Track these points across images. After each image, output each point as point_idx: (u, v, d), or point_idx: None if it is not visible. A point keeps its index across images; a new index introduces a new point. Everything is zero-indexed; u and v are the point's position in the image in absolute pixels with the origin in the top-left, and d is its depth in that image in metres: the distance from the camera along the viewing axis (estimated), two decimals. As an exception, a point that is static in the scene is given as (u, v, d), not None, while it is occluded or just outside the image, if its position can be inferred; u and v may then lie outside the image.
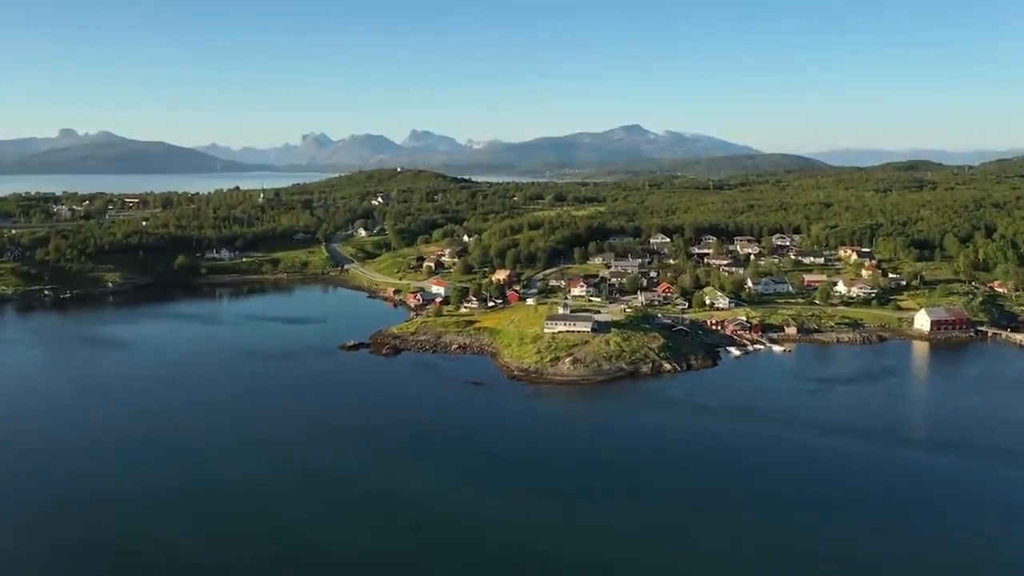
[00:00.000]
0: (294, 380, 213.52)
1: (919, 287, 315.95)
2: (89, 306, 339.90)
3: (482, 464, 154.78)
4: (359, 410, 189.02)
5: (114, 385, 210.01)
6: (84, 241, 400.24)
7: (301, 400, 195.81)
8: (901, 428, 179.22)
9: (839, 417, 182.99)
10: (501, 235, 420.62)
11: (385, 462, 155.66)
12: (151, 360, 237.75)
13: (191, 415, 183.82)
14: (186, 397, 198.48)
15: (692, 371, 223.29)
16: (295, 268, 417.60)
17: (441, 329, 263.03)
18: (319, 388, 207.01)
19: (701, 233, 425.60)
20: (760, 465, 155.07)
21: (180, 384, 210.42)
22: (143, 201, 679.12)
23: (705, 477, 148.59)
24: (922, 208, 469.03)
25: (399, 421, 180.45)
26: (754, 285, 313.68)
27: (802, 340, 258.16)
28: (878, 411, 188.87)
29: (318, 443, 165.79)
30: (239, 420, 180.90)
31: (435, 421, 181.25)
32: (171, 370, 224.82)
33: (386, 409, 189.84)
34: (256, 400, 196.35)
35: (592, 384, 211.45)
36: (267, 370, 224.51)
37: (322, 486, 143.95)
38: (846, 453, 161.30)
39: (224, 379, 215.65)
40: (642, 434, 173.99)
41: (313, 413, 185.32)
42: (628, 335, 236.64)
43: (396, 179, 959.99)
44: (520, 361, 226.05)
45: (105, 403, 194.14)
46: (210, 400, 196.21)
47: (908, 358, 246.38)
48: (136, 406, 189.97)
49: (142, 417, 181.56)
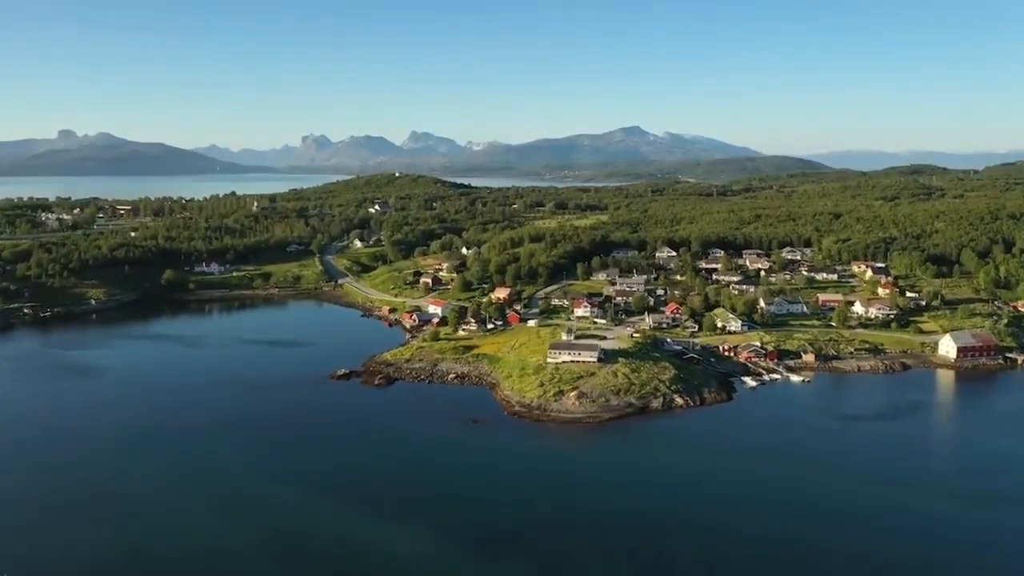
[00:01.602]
0: (277, 416, 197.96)
1: (940, 307, 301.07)
2: (70, 325, 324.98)
3: (479, 524, 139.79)
4: (345, 454, 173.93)
5: (75, 423, 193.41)
6: (68, 255, 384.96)
7: (282, 441, 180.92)
8: (935, 477, 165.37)
9: (866, 463, 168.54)
10: (501, 249, 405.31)
11: (368, 522, 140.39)
12: (121, 390, 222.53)
13: (152, 461, 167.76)
14: (151, 438, 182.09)
15: (706, 406, 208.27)
16: (287, 283, 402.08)
17: (438, 356, 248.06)
18: (304, 425, 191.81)
19: (708, 246, 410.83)
20: (786, 520, 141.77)
21: (148, 421, 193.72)
22: (135, 209, 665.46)
23: (732, 536, 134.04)
24: (936, 220, 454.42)
25: (388, 468, 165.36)
26: (767, 305, 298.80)
27: (820, 368, 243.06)
28: (908, 456, 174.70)
29: (295, 496, 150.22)
30: (209, 467, 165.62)
31: (428, 468, 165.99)
32: (141, 403, 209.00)
33: (375, 453, 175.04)
34: (231, 441, 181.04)
35: (599, 422, 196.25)
36: (248, 403, 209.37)
37: (295, 552, 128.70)
38: (878, 505, 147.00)
39: (198, 415, 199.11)
40: (658, 485, 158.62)
41: (295, 458, 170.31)
42: (637, 365, 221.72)
43: (394, 185, 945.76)
44: (521, 395, 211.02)
45: (58, 447, 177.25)
46: (178, 441, 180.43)
47: (935, 390, 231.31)
48: (94, 450, 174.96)
49: (97, 462, 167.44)
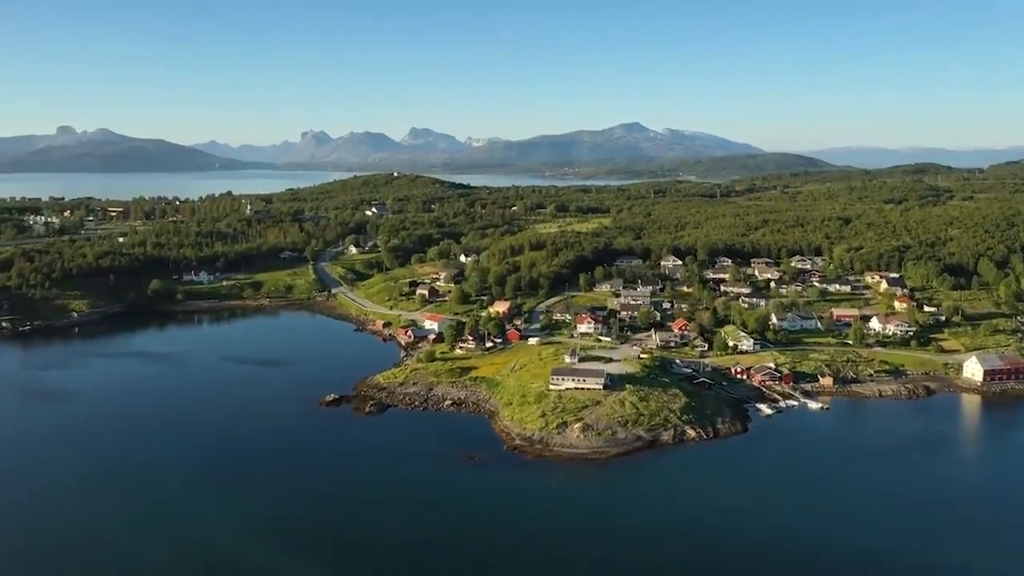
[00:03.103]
0: (257, 454, 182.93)
1: (960, 323, 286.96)
2: (51, 340, 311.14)
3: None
4: (328, 502, 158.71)
5: (32, 464, 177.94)
6: (51, 264, 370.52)
7: (260, 487, 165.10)
8: (978, 531, 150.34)
9: (895, 508, 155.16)
10: (500, 257, 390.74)
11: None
12: (89, 423, 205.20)
13: (111, 513, 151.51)
14: (113, 484, 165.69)
15: (719, 438, 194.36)
16: (279, 293, 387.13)
17: (433, 379, 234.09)
18: (285, 462, 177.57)
19: (715, 255, 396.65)
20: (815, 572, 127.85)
21: (113, 460, 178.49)
22: (126, 211, 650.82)
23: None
24: (950, 226, 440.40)
25: (375, 520, 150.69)
26: (779, 321, 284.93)
27: (839, 392, 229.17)
28: (943, 503, 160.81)
29: (268, 554, 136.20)
30: (173, 516, 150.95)
31: (420, 516, 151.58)
32: (110, 437, 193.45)
33: (361, 498, 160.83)
34: (202, 486, 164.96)
35: (606, 458, 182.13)
36: (227, 438, 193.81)
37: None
38: (910, 555, 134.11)
39: (169, 450, 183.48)
40: (673, 535, 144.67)
41: (271, 507, 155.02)
42: (645, 393, 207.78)
43: (392, 185, 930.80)
44: (522, 426, 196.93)
45: (5, 497, 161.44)
46: (141, 487, 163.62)
47: (962, 418, 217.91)
48: (46, 492, 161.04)
49: (49, 505, 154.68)
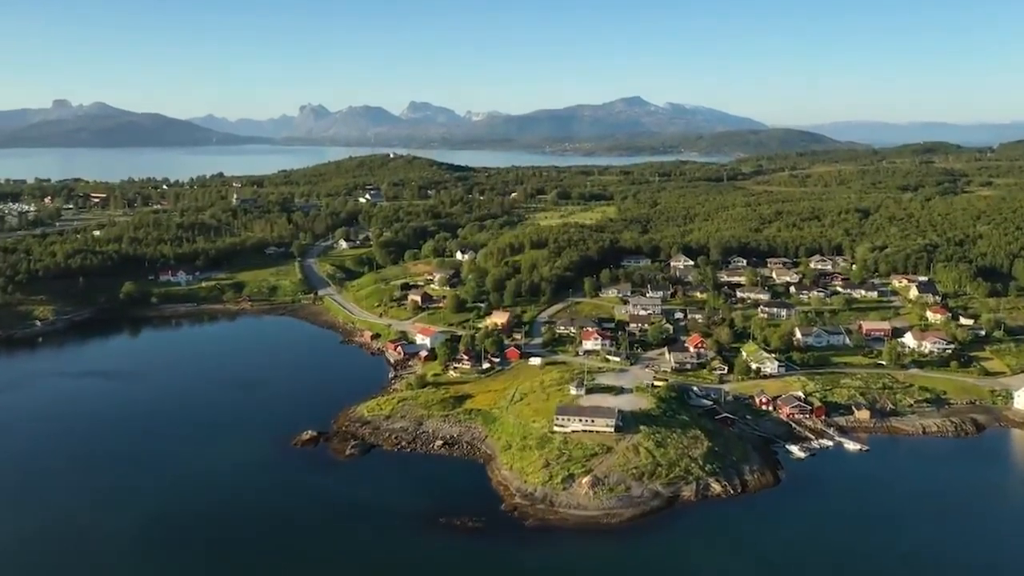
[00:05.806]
0: (214, 518, 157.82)
1: (1003, 339, 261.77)
2: (11, 352, 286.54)
3: None
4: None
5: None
6: (15, 265, 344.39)
7: (204, 564, 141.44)
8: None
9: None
10: (499, 257, 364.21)
11: None
12: (16, 474, 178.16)
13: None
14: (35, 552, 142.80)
15: (748, 493, 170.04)
16: (261, 295, 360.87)
17: (423, 412, 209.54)
18: (246, 527, 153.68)
19: (728, 254, 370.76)
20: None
21: (33, 529, 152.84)
22: (108, 198, 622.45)
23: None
24: (978, 220, 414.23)
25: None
26: (803, 336, 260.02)
27: (876, 428, 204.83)
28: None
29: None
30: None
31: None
32: (35, 495, 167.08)
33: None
34: (137, 560, 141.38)
35: (620, 522, 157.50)
36: (178, 496, 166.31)
37: None
38: None
39: (106, 518, 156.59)
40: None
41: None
42: (662, 436, 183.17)
43: (388, 167, 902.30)
44: (522, 478, 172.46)
45: None
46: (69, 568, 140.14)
47: (1018, 463, 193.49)
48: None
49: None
